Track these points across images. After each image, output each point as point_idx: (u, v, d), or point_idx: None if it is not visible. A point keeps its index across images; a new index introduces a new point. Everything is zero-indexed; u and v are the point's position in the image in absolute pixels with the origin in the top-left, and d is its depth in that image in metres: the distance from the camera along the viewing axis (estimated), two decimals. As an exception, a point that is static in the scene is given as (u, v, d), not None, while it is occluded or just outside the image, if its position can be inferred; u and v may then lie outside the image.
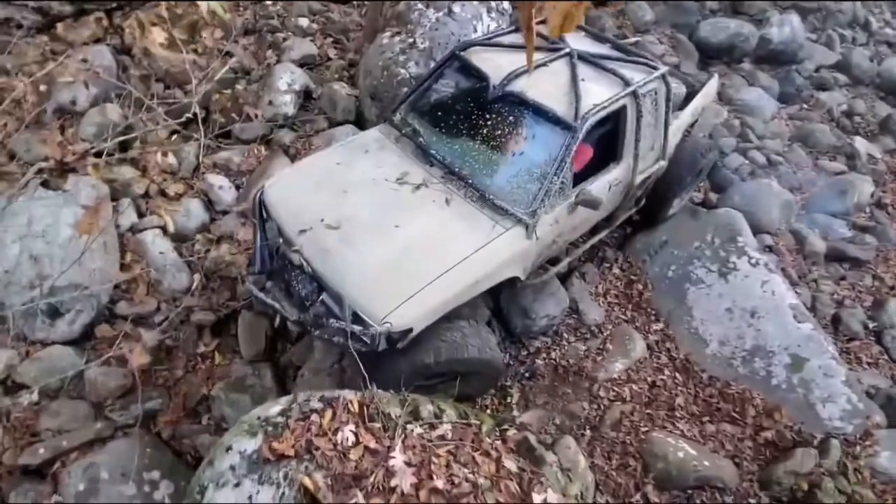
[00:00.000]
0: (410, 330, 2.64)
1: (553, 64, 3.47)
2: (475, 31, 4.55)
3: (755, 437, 3.55)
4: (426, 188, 3.15)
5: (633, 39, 4.93)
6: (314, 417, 1.78)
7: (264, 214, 3.13)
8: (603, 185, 3.47)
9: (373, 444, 1.68)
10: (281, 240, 3.00)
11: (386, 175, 3.21)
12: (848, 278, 4.80)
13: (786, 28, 6.53)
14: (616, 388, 3.79)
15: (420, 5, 4.67)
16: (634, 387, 3.81)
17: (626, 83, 3.35)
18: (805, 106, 6.51)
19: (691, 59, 6.41)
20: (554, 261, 3.82)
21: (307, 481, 1.60)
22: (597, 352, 3.99)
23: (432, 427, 1.82)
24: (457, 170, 3.22)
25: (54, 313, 3.22)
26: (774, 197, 4.98)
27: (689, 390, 3.85)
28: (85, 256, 3.37)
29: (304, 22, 5.76)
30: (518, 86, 3.30)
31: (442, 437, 1.77)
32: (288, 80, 4.70)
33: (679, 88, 4.33)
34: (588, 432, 3.58)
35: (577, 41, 3.78)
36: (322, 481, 1.60)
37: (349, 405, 1.84)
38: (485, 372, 3.19)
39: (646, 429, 3.58)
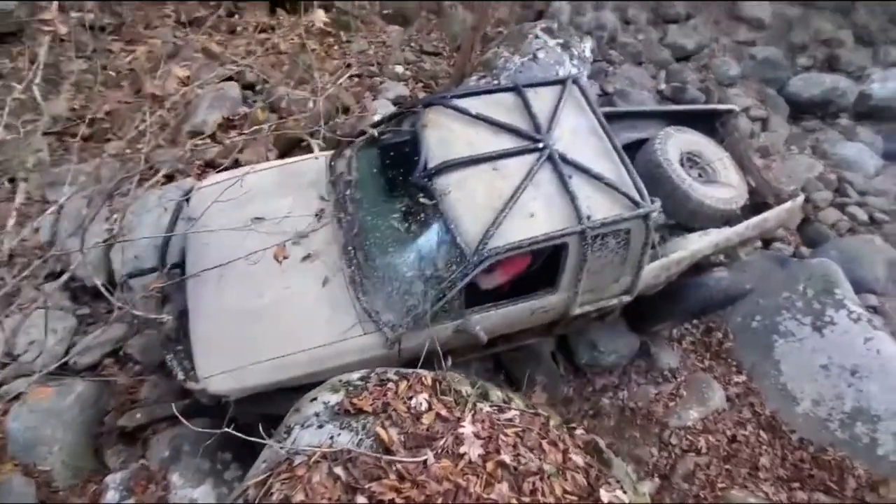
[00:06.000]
0: (227, 396, 2.63)
1: (513, 161, 2.83)
2: (557, 76, 4.72)
3: (856, 513, 3.15)
4: (315, 261, 2.91)
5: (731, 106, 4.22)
6: (391, 385, 1.90)
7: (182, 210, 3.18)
8: (523, 311, 2.95)
9: (444, 412, 1.75)
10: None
11: (293, 224, 2.99)
12: (973, 351, 4.23)
13: (890, 84, 6.22)
14: (690, 437, 3.55)
15: (506, 53, 5.03)
16: (711, 438, 3.55)
17: (578, 218, 2.69)
18: (915, 165, 6.05)
19: (780, 113, 6.24)
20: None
21: (383, 433, 1.69)
22: (669, 397, 3.78)
23: (501, 410, 1.85)
24: (351, 248, 2.91)
25: (165, 297, 3.63)
26: (879, 254, 4.60)
27: (776, 451, 3.52)
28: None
29: (399, 69, 6.40)
30: (445, 180, 2.75)
31: (510, 420, 1.80)
32: (381, 115, 5.19)
33: (735, 201, 3.52)
34: (657, 480, 3.35)
35: (585, 138, 3.03)
36: (396, 436, 1.68)
37: (423, 379, 1.93)
38: None
39: (723, 485, 3.30)
